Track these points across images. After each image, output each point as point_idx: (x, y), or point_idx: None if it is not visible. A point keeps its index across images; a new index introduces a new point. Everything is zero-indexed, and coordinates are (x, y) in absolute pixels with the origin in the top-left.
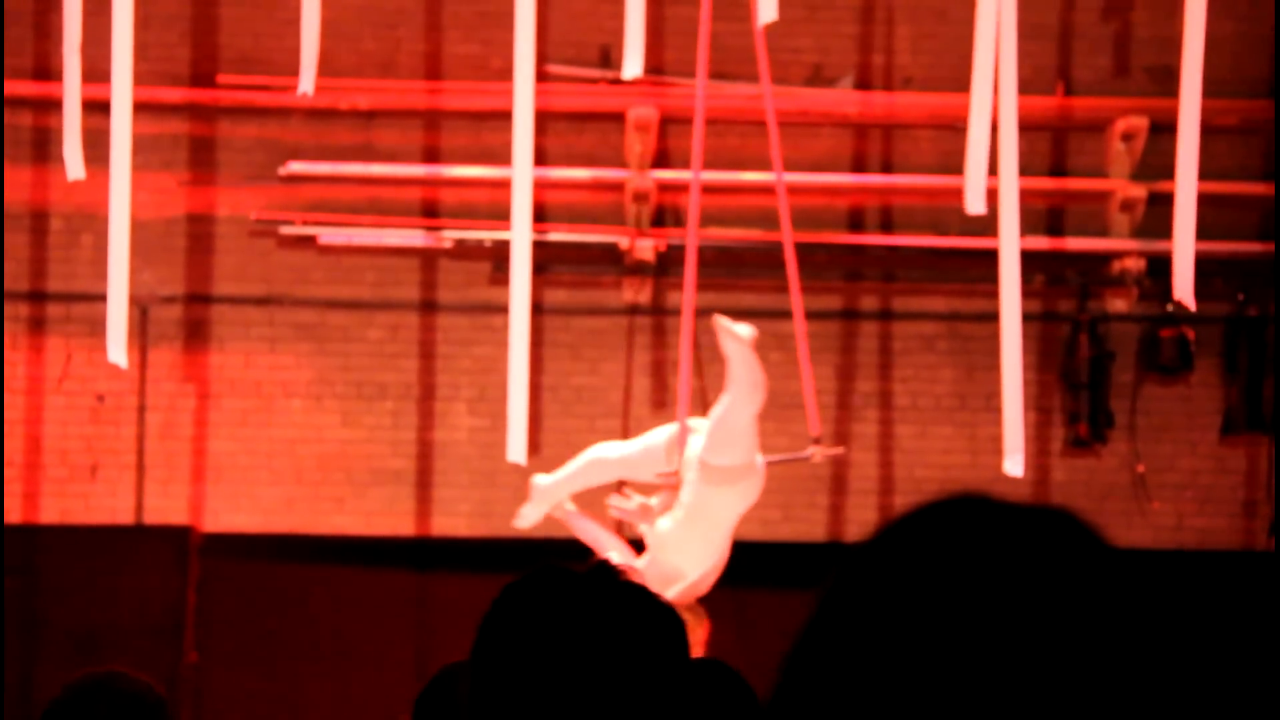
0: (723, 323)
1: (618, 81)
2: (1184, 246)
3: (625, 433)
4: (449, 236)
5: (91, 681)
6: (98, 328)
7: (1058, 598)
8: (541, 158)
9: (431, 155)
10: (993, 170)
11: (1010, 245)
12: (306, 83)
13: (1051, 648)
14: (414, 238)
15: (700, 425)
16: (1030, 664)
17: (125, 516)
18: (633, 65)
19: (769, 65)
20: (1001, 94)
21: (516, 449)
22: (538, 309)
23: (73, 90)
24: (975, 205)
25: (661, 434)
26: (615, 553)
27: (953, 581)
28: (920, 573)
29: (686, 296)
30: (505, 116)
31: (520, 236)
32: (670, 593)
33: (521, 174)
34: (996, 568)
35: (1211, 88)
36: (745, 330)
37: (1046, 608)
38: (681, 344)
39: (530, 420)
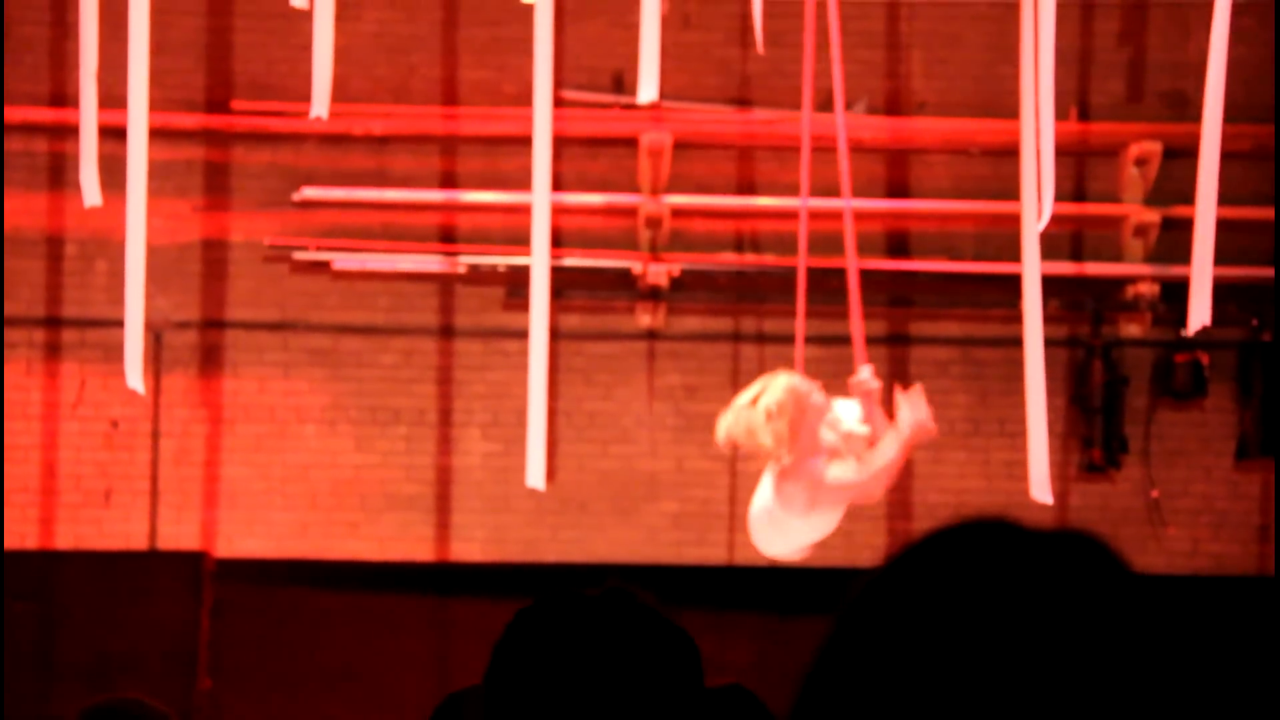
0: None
1: (630, 106)
2: (1202, 270)
3: (637, 458)
4: (463, 261)
5: (107, 707)
6: (112, 353)
7: (1080, 622)
8: (555, 183)
9: (445, 180)
10: (1008, 197)
11: (1032, 274)
12: (319, 106)
13: (1073, 673)
14: (428, 263)
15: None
16: (1052, 689)
17: (139, 542)
18: (648, 90)
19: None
20: (1023, 121)
21: (535, 474)
22: (551, 334)
23: (89, 117)
24: (1038, 222)
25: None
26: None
27: (973, 605)
28: (939, 596)
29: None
30: (519, 142)
31: (539, 261)
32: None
33: (540, 199)
34: (1017, 591)
35: (1225, 112)
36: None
37: (1068, 632)
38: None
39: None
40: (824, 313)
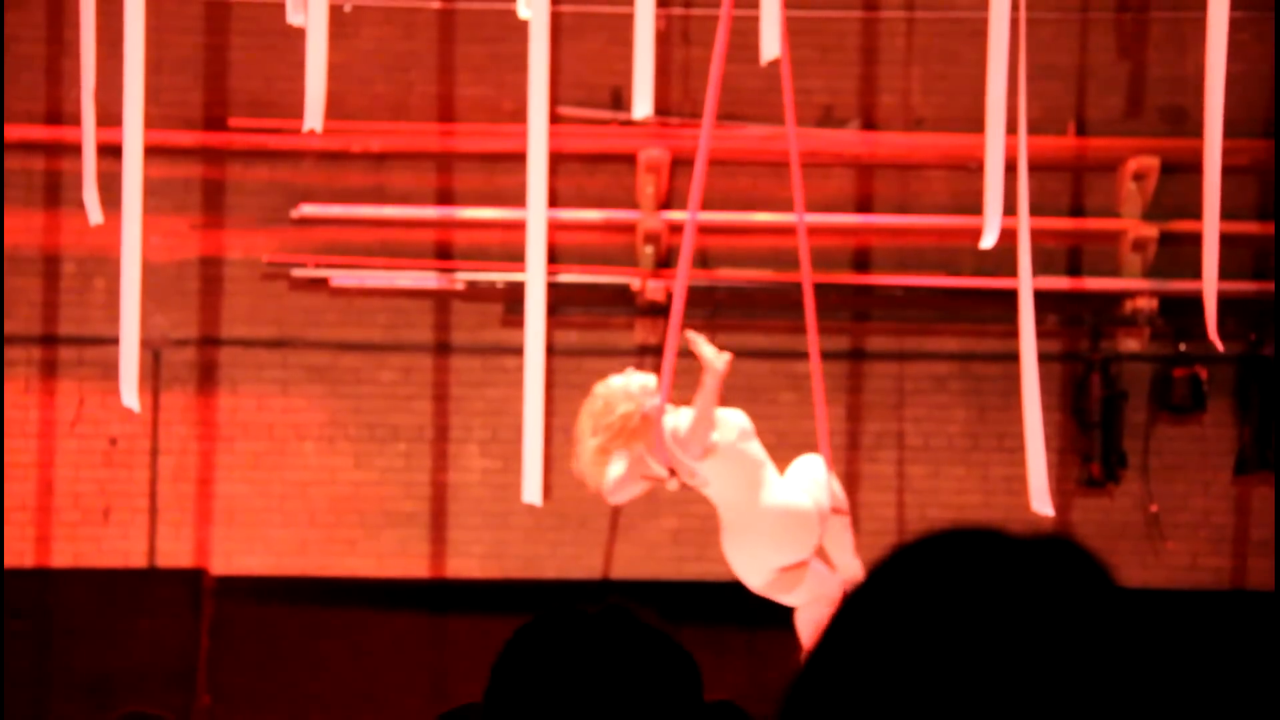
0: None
1: (629, 123)
2: (1209, 286)
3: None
4: (461, 278)
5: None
6: (110, 371)
7: (1061, 628)
8: (553, 199)
9: (443, 197)
10: (1007, 212)
11: (1026, 288)
12: (313, 119)
13: (1054, 679)
14: (426, 279)
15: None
16: (1033, 694)
17: (138, 559)
18: (643, 105)
19: (792, 104)
20: (1017, 134)
21: (532, 490)
22: (549, 350)
23: (90, 135)
24: (989, 240)
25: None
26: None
27: (955, 611)
28: (920, 603)
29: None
30: (517, 158)
31: (535, 278)
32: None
33: (536, 215)
34: (999, 597)
35: (1222, 128)
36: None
37: (1049, 638)
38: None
39: (543, 462)
40: (822, 327)
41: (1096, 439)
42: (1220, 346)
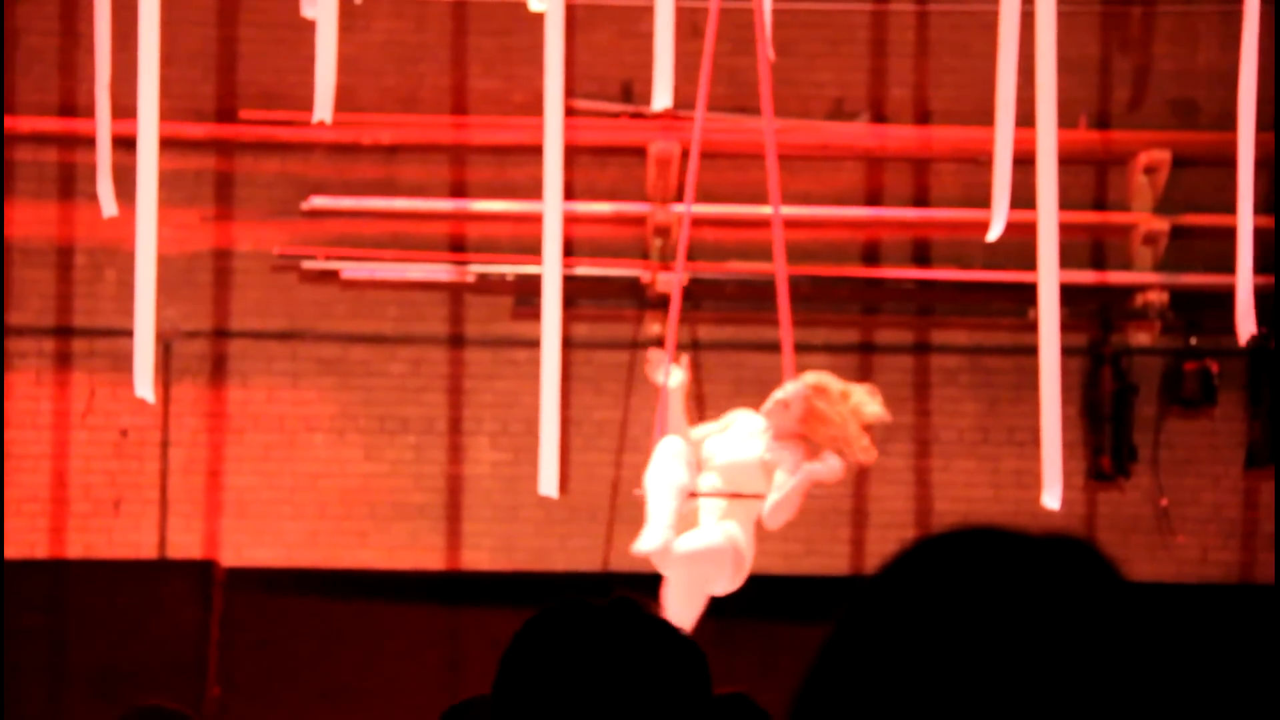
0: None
1: (640, 115)
2: (1244, 278)
3: (647, 467)
4: (472, 270)
5: (139, 714)
6: (121, 363)
7: (1070, 627)
8: (564, 192)
9: (454, 190)
10: (1018, 205)
11: (1049, 281)
12: (323, 111)
13: (1062, 678)
14: (436, 272)
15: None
16: (1042, 693)
17: (148, 551)
18: (662, 96)
19: (773, 96)
20: (1039, 126)
21: (548, 482)
22: (561, 342)
23: (105, 129)
24: (995, 231)
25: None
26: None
27: (963, 611)
28: (931, 603)
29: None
30: (528, 151)
31: (551, 269)
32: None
33: (552, 207)
34: (1007, 596)
35: (1228, 121)
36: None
37: (1058, 637)
38: None
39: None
40: (832, 321)
41: (1107, 433)
42: (1254, 330)
